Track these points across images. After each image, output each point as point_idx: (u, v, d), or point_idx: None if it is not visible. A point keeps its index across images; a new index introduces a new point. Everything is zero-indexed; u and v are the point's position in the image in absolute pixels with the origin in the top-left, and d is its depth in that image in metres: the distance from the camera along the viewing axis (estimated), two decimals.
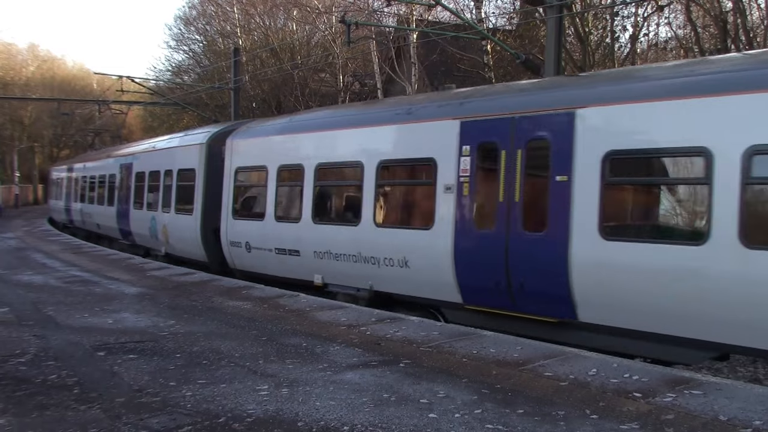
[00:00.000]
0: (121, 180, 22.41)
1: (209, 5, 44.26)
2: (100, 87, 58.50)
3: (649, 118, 7.75)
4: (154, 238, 18.55)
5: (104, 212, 24.18)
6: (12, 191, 58.68)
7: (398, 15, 27.61)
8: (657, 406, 5.52)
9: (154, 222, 18.41)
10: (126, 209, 21.32)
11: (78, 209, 29.51)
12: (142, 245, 20.13)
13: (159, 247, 18.31)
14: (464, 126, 9.75)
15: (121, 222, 21.92)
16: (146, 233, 19.11)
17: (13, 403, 5.64)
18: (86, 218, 27.68)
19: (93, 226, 26.59)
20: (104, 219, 24.24)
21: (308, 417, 5.35)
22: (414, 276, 10.28)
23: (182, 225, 16.55)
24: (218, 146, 15.48)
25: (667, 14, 24.52)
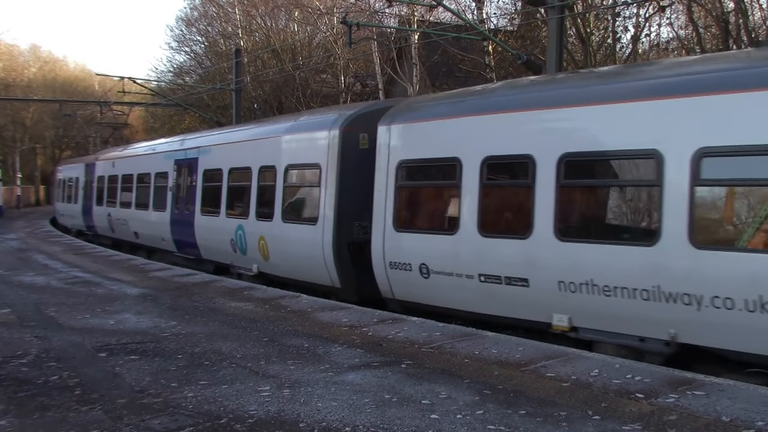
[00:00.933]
0: (177, 179, 18.39)
1: (210, 6, 44.31)
2: (102, 88, 58.61)
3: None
4: (240, 253, 14.70)
5: (148, 218, 20.18)
6: (14, 192, 58.69)
7: (399, 16, 27.61)
8: (659, 407, 5.51)
9: (241, 233, 14.56)
10: (188, 215, 17.26)
11: (103, 214, 24.90)
12: (213, 260, 16.32)
13: (246, 264, 14.47)
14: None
15: (178, 231, 17.93)
16: (223, 246, 15.33)
17: (15, 404, 5.64)
18: (117, 225, 23.32)
19: (127, 234, 22.33)
20: (148, 227, 20.22)
21: (310, 418, 5.34)
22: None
23: (297, 238, 12.67)
24: (355, 134, 11.97)
25: (668, 15, 24.51)
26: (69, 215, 31.47)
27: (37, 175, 69.34)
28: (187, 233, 17.33)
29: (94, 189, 26.60)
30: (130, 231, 21.96)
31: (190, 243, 17.31)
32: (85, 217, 28.00)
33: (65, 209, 32.63)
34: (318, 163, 12.22)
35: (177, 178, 18.39)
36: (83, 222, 28.34)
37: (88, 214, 27.29)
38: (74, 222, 30.22)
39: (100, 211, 25.34)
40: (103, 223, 24.96)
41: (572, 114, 8.47)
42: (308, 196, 12.84)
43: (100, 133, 53.48)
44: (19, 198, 58.88)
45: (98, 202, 25.80)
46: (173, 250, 18.48)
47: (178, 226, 17.90)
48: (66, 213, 32.46)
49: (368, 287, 11.17)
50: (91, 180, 27.14)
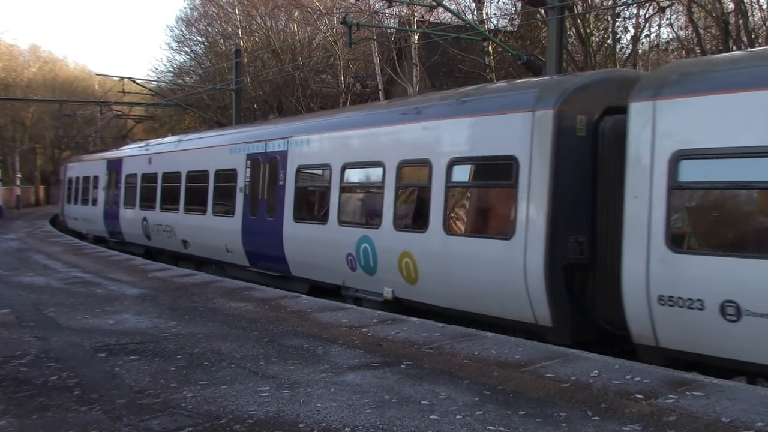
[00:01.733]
0: (251, 177, 14.88)
1: (210, 6, 44.33)
2: (102, 88, 58.63)
3: None
4: (362, 271, 11.41)
5: (206, 225, 16.65)
6: (14, 192, 58.67)
7: (399, 16, 27.64)
8: (659, 408, 5.51)
9: (366, 246, 11.22)
10: (271, 223, 13.84)
11: (135, 219, 21.08)
12: (308, 278, 13.14)
13: (371, 287, 11.33)
14: None
15: (253, 241, 14.59)
16: (331, 262, 12.13)
17: (14, 405, 5.64)
18: (156, 232, 19.52)
19: (171, 243, 18.70)
20: (205, 235, 16.69)
21: (309, 418, 5.34)
22: None
23: (474, 257, 9.45)
24: (571, 115, 8.74)
25: (668, 15, 24.53)
26: (85, 219, 27.20)
27: (37, 176, 69.32)
28: (268, 244, 13.94)
29: (121, 190, 22.61)
30: (175, 239, 18.24)
31: (272, 256, 13.89)
32: (108, 222, 24.01)
33: (79, 212, 28.19)
34: (512, 155, 9.07)
35: (251, 176, 14.85)
36: (105, 227, 24.39)
37: (113, 219, 23.24)
38: (92, 227, 26.12)
39: (131, 215, 21.47)
40: (135, 229, 21.10)
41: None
42: (494, 201, 9.92)
43: (100, 133, 53.51)
44: (18, 198, 58.84)
45: (128, 205, 21.88)
46: (243, 264, 15.11)
47: (255, 235, 14.52)
48: (80, 217, 28.01)
49: (584, 326, 8.60)
50: (117, 179, 23.09)
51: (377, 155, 11.40)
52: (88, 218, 26.56)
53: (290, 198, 13.44)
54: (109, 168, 24.36)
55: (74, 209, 29.30)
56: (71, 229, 29.81)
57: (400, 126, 11.16)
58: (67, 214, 30.97)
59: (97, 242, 24.87)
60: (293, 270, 13.44)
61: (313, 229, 12.73)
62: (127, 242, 22.36)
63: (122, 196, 22.53)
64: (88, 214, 26.47)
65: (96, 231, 25.71)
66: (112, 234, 23.76)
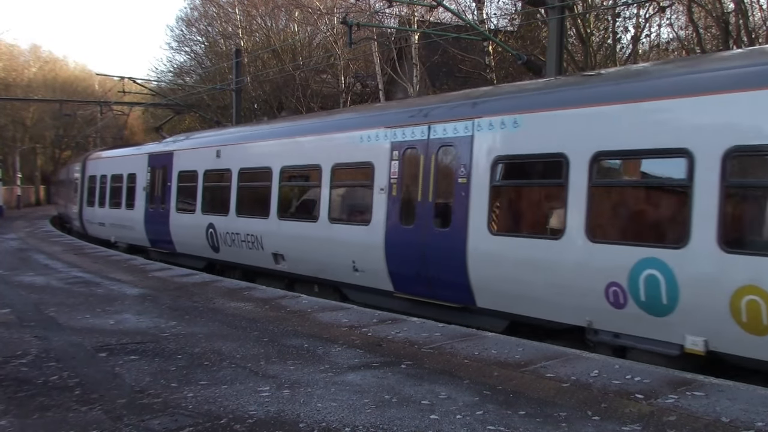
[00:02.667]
0: (401, 174, 11.08)
1: (211, 6, 44.38)
2: (102, 88, 58.68)
3: None
4: (645, 309, 7.65)
5: (318, 235, 12.58)
6: (14, 192, 58.69)
7: (400, 16, 27.64)
8: (659, 408, 5.52)
9: (654, 272, 7.51)
10: (444, 234, 10.09)
11: (195, 225, 16.84)
12: (511, 313, 9.37)
13: (661, 333, 7.58)
14: None
15: (404, 258, 10.79)
16: (578, 295, 8.31)
17: (15, 404, 5.64)
18: (232, 243, 15.37)
19: (254, 256, 14.65)
20: (315, 247, 12.68)
21: (310, 418, 5.34)
22: None
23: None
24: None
25: (668, 15, 24.53)
26: (115, 225, 22.81)
27: (37, 175, 69.38)
28: (435, 264, 10.20)
29: (172, 190, 18.53)
30: (261, 253, 14.31)
31: (442, 280, 10.20)
32: (151, 228, 19.82)
33: (106, 217, 23.85)
34: None
35: (402, 171, 11.04)
36: (146, 235, 20.15)
37: (159, 225, 19.13)
38: (126, 234, 21.84)
39: (188, 221, 17.37)
40: (194, 237, 16.96)
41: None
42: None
43: (100, 134, 53.55)
44: (19, 198, 58.88)
45: (183, 209, 17.88)
46: (383, 287, 11.35)
47: (409, 250, 10.66)
48: (108, 222, 23.66)
49: None
50: (165, 177, 19.06)
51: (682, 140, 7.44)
52: (121, 224, 22.19)
53: (483, 201, 9.53)
54: (153, 164, 20.05)
55: (99, 213, 24.67)
56: (92, 235, 25.58)
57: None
58: (88, 219, 26.26)
59: (132, 252, 20.81)
60: (480, 300, 9.70)
61: (529, 246, 8.92)
62: (179, 253, 18.26)
63: (173, 198, 18.33)
64: (121, 219, 22.14)
65: (132, 239, 21.45)
66: (157, 243, 19.57)
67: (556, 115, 8.82)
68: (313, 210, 12.91)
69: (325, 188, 12.52)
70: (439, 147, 10.37)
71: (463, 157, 9.94)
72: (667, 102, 7.62)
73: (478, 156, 9.71)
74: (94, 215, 25.34)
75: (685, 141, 7.31)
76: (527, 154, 9.19)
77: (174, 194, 18.44)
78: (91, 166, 26.69)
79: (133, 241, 21.36)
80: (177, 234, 18.14)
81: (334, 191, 12.53)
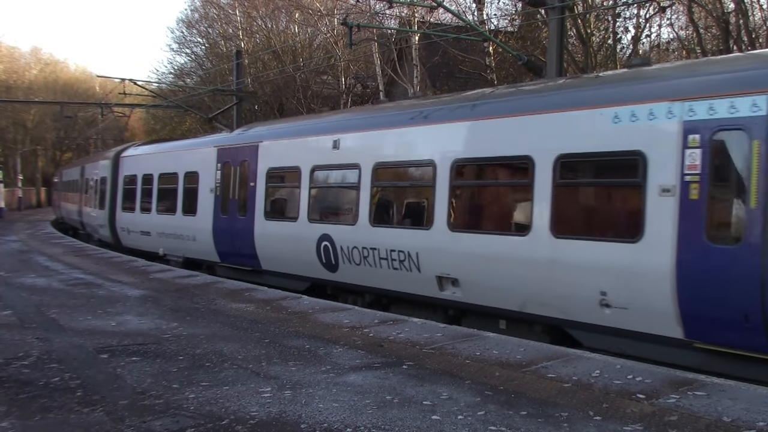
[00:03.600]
0: (719, 171, 7.47)
1: (211, 8, 44.41)
2: (103, 90, 58.64)
3: None
4: None
5: (531, 253, 9.01)
6: (15, 194, 58.74)
7: (400, 17, 27.66)
8: (660, 408, 5.51)
9: None
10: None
11: (303, 237, 13.02)
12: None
13: None
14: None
15: (705, 292, 7.34)
16: None
17: (17, 406, 5.64)
18: (361, 260, 11.67)
19: (400, 279, 11.03)
20: (523, 271, 9.13)
21: (311, 419, 5.34)
22: None
23: None
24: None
25: (669, 15, 24.53)
26: (167, 234, 18.40)
27: (38, 177, 69.44)
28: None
29: (257, 192, 14.50)
30: (419, 276, 10.63)
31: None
32: (224, 239, 15.65)
33: (153, 224, 19.36)
34: None
35: (717, 166, 7.46)
36: (215, 247, 16.00)
37: (238, 236, 14.99)
38: (185, 246, 17.49)
39: (288, 231, 13.54)
40: (298, 252, 13.09)
41: None
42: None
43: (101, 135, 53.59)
44: (20, 200, 58.93)
45: (277, 216, 14.19)
46: (660, 332, 7.87)
47: (715, 280, 7.31)
48: (157, 231, 19.06)
49: None
50: (246, 177, 14.92)
51: None
52: (176, 233, 17.95)
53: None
54: (225, 159, 15.96)
55: (141, 220, 20.22)
56: (129, 247, 21.30)
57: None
58: (125, 227, 21.62)
59: (190, 267, 16.93)
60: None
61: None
62: (265, 271, 14.47)
63: (260, 202, 14.44)
64: (175, 228, 17.96)
65: (192, 252, 17.28)
66: (230, 257, 15.49)
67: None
68: (520, 218, 9.37)
69: (542, 188, 8.88)
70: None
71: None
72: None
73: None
74: (134, 223, 20.65)
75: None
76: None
77: (261, 197, 14.38)
78: (127, 164, 21.90)
79: (194, 254, 17.16)
80: (265, 247, 14.19)
81: (564, 192, 8.89)
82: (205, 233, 16.34)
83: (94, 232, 25.48)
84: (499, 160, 9.84)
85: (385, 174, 11.62)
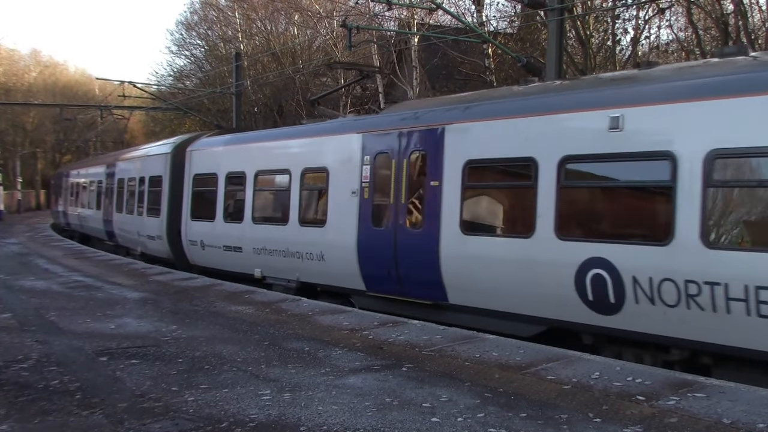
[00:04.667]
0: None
1: (210, 10, 44.44)
2: (102, 92, 58.65)
3: None
4: None
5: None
6: (15, 197, 58.73)
7: (399, 19, 27.66)
8: (660, 410, 5.51)
9: None
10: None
11: (528, 261, 8.94)
12: None
13: None
14: None
15: None
16: None
17: (16, 409, 5.64)
18: (670, 300, 7.51)
19: (714, 326, 7.19)
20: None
21: (311, 421, 5.34)
22: None
23: None
24: None
25: (668, 17, 24.55)
26: (271, 252, 13.74)
27: (38, 180, 69.41)
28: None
29: (443, 194, 10.30)
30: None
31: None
32: (377, 260, 11.33)
33: (249, 239, 14.47)
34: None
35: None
36: (359, 269, 11.64)
37: (408, 256, 10.81)
38: (303, 267, 12.90)
39: (512, 252, 9.30)
40: (544, 284, 8.80)
41: None
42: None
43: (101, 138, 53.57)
44: (19, 202, 58.93)
45: (488, 229, 10.27)
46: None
47: None
48: (255, 245, 14.22)
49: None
50: (420, 172, 11.00)
51: None
52: (290, 250, 13.17)
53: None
54: (378, 149, 11.59)
55: (225, 230, 15.36)
56: (201, 265, 16.42)
57: None
58: (196, 239, 16.48)
59: (305, 293, 12.58)
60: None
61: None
62: (449, 306, 10.27)
63: (450, 209, 10.08)
64: (289, 243, 13.26)
65: (316, 275, 12.70)
66: (388, 284, 11.11)
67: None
68: None
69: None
70: None
71: None
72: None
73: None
74: (213, 235, 15.76)
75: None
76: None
77: (453, 202, 10.06)
78: (200, 159, 17.02)
79: (318, 277, 12.69)
80: (460, 273, 9.97)
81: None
82: (341, 250, 11.97)
83: (137, 244, 20.49)
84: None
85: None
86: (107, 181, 24.96)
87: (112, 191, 23.71)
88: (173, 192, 17.85)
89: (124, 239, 22.16)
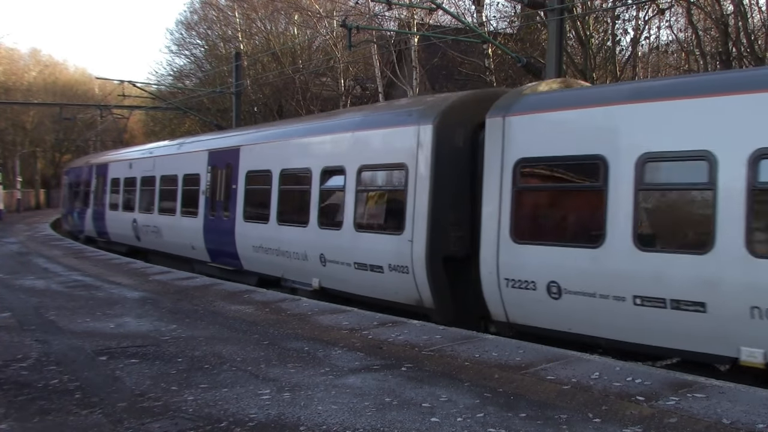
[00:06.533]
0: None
1: (210, 10, 44.41)
2: (102, 92, 58.61)
3: None
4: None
5: None
6: (14, 196, 58.69)
7: (399, 19, 27.65)
8: (660, 410, 5.51)
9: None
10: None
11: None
12: None
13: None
14: None
15: None
16: None
17: (15, 408, 5.64)
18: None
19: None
20: None
21: (310, 421, 5.34)
22: None
23: None
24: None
25: (668, 17, 24.53)
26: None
27: (38, 179, 69.33)
28: None
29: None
30: None
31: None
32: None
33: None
34: None
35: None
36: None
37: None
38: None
39: None
40: None
41: None
42: None
43: (100, 137, 53.56)
44: (19, 202, 58.88)
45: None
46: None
47: None
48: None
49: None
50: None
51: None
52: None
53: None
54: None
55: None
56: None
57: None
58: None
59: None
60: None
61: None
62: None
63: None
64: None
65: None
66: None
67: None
68: None
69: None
70: None
71: None
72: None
73: None
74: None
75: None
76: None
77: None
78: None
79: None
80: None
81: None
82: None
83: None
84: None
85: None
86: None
87: (227, 190, 15.73)
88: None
89: (275, 265, 13.49)
